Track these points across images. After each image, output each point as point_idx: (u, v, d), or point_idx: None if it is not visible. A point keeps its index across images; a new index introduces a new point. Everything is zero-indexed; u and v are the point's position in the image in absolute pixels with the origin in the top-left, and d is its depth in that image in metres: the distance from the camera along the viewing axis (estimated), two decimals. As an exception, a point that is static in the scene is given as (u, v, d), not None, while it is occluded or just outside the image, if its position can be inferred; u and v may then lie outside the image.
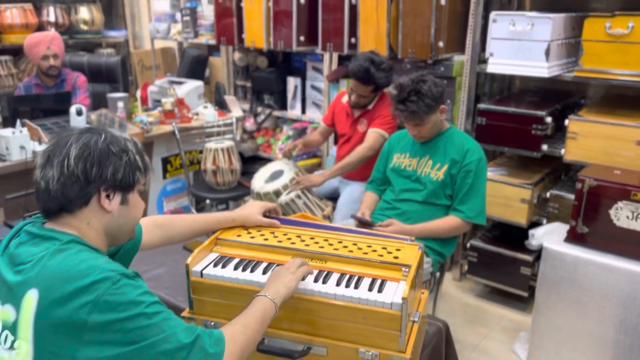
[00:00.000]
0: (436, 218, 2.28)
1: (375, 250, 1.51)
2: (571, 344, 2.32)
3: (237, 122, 3.75)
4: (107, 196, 1.14)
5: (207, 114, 3.63)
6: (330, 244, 1.54)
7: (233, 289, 1.42)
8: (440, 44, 2.97)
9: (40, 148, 2.73)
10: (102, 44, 5.46)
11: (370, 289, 1.37)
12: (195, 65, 4.39)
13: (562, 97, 3.00)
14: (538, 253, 2.73)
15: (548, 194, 2.76)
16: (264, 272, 1.44)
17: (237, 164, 3.36)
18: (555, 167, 3.03)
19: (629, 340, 2.17)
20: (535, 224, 2.81)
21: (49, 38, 3.40)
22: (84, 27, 5.08)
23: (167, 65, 5.28)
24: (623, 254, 2.16)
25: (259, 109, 4.22)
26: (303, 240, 1.56)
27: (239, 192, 3.35)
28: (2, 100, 3.19)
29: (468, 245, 3.04)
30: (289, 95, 4.04)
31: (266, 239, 1.57)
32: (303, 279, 1.37)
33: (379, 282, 1.39)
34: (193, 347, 1.05)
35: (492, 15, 2.70)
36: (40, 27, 4.76)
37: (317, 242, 1.55)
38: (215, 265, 1.48)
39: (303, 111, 3.99)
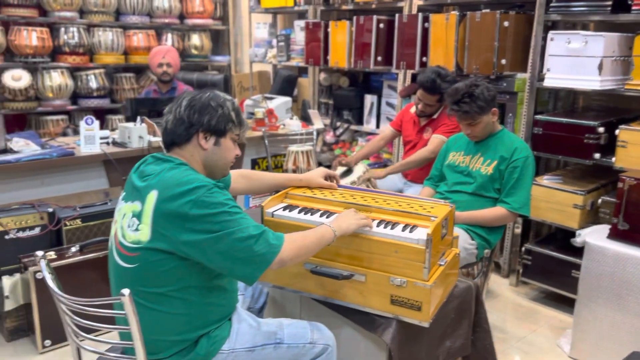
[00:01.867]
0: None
1: (412, 207, 1.84)
2: (611, 335, 2.45)
3: (317, 134, 4.20)
4: (205, 137, 1.58)
5: (293, 124, 4.12)
6: (376, 201, 1.89)
7: (295, 227, 1.80)
8: (503, 61, 3.25)
9: (154, 139, 3.32)
10: (209, 67, 6.21)
11: (403, 230, 1.70)
12: (285, 85, 4.94)
13: (621, 113, 3.14)
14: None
15: (600, 201, 2.91)
16: (320, 216, 1.82)
17: (314, 166, 3.77)
18: (615, 178, 3.14)
19: (666, 333, 2.28)
20: (587, 229, 2.94)
21: (165, 50, 4.17)
22: (194, 52, 5.85)
23: (263, 87, 5.90)
24: (662, 250, 2.29)
25: (338, 124, 4.66)
26: (354, 198, 1.92)
27: (315, 190, 3.75)
28: (127, 103, 3.88)
29: (523, 249, 3.22)
30: (366, 111, 4.45)
31: (324, 195, 1.95)
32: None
33: (410, 226, 1.72)
34: (259, 237, 1.44)
35: (550, 34, 2.96)
36: (159, 51, 5.55)
37: (365, 200, 1.91)
38: (283, 210, 1.88)
39: (377, 125, 4.38)
